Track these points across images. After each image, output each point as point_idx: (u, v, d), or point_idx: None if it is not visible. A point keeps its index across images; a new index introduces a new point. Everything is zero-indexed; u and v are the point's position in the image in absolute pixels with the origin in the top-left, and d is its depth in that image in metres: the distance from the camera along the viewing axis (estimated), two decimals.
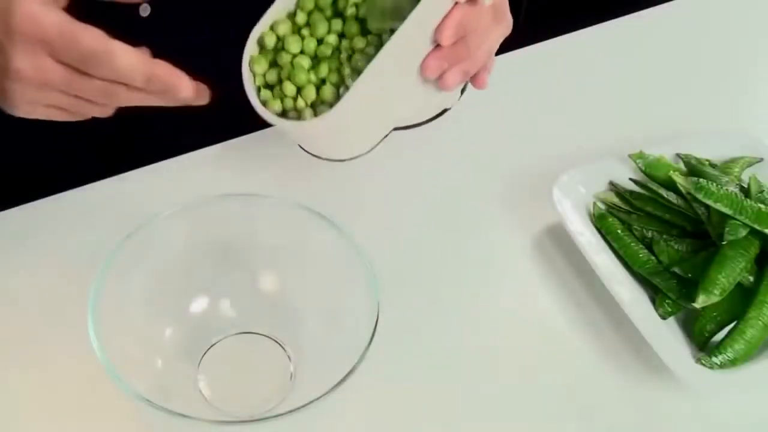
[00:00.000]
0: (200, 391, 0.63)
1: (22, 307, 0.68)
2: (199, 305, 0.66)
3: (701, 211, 0.73)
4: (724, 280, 0.67)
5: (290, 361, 0.65)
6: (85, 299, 0.57)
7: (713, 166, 0.78)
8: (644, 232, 0.74)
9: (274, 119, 0.61)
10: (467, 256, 0.75)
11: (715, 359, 0.66)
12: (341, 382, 0.55)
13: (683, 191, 0.73)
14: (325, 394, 0.54)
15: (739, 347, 0.66)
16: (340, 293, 0.62)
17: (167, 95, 0.55)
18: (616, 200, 0.76)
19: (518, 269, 0.75)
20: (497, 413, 0.65)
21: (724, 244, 0.69)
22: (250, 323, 0.67)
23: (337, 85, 0.60)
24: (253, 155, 0.79)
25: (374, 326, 0.57)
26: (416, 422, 0.64)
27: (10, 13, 0.52)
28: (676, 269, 0.70)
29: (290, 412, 0.57)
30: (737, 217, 0.70)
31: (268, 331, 0.66)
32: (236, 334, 0.66)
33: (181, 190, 0.74)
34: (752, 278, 0.69)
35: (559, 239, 0.76)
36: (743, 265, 0.68)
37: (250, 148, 0.80)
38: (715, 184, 0.72)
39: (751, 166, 0.79)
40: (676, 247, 0.72)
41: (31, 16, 0.52)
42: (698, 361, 0.66)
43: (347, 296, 0.61)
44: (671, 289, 0.69)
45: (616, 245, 0.73)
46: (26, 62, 0.53)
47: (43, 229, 0.72)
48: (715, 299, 0.67)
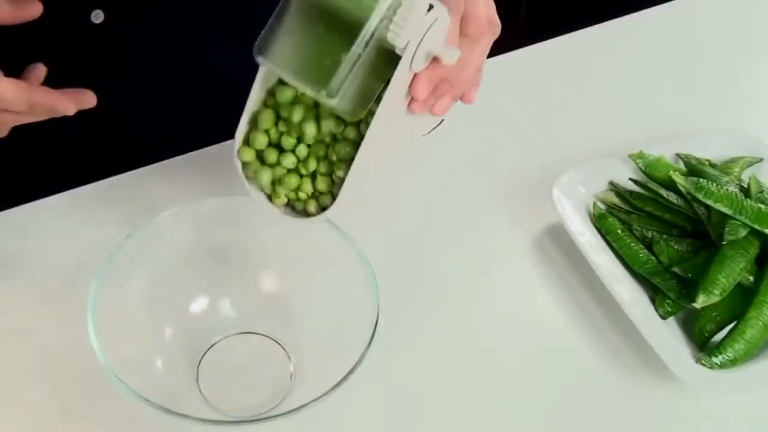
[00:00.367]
0: (200, 391, 0.63)
1: (22, 306, 0.68)
2: (199, 305, 0.66)
3: (701, 211, 0.73)
4: (724, 280, 0.67)
5: (290, 361, 0.65)
6: (85, 299, 0.57)
7: (713, 166, 0.78)
8: (644, 232, 0.74)
9: (281, 215, 0.60)
10: (467, 256, 0.75)
11: (715, 359, 0.66)
12: (341, 382, 0.55)
13: (683, 191, 0.73)
14: (325, 394, 0.54)
15: (739, 347, 0.66)
16: (340, 293, 0.62)
17: (52, 114, 0.58)
18: (616, 200, 0.76)
19: (518, 269, 0.75)
20: (497, 413, 0.65)
21: (724, 244, 0.69)
22: (250, 323, 0.67)
23: (328, 172, 0.58)
24: None
25: (374, 326, 0.57)
26: (416, 422, 0.64)
27: None
28: (676, 269, 0.70)
29: (290, 412, 0.57)
30: (737, 217, 0.70)
31: (268, 331, 0.66)
32: (236, 334, 0.66)
33: (181, 190, 0.74)
34: (752, 278, 0.69)
35: (559, 239, 0.76)
36: (743, 265, 0.68)
37: None
38: (715, 184, 0.72)
39: (751, 166, 0.79)
40: (676, 247, 0.72)
41: None
42: (698, 361, 0.66)
43: (347, 296, 0.61)
44: (671, 289, 0.69)
45: (616, 245, 0.73)
46: None
47: (43, 229, 0.72)
48: (715, 299, 0.67)
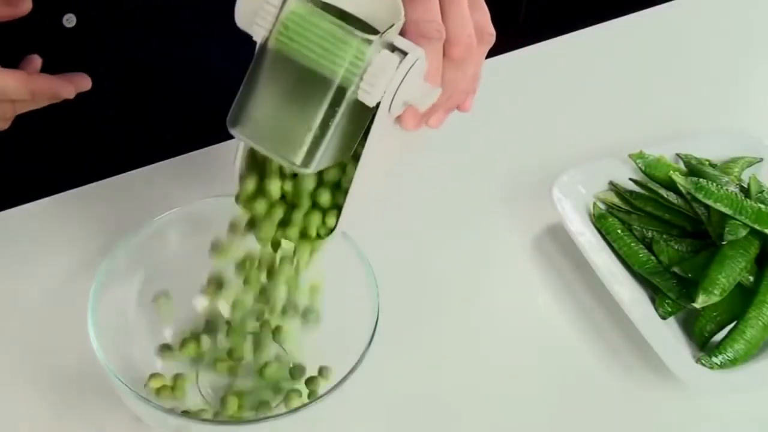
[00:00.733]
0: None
1: (22, 307, 0.68)
2: (199, 305, 0.66)
3: (701, 211, 0.73)
4: (724, 280, 0.67)
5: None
6: (85, 299, 0.57)
7: (713, 166, 0.78)
8: (644, 232, 0.74)
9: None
10: (467, 256, 0.75)
11: (715, 359, 0.66)
12: (341, 382, 0.55)
13: (683, 191, 0.73)
14: (325, 394, 0.54)
15: (739, 347, 0.66)
16: (340, 293, 0.62)
17: (54, 100, 0.61)
18: (616, 200, 0.76)
19: (518, 269, 0.75)
20: (497, 413, 0.65)
21: (724, 244, 0.69)
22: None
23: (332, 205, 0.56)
24: None
25: (374, 326, 0.57)
26: (416, 422, 0.64)
27: None
28: (676, 269, 0.70)
29: (290, 412, 0.57)
30: (737, 217, 0.70)
31: None
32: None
33: (181, 190, 0.74)
34: (752, 278, 0.69)
35: (559, 239, 0.76)
36: (743, 265, 0.68)
37: None
38: (715, 184, 0.72)
39: (751, 166, 0.79)
40: (676, 247, 0.72)
41: None
42: (698, 361, 0.66)
43: (347, 296, 0.61)
44: (671, 289, 0.69)
45: (616, 245, 0.73)
46: None
47: (43, 229, 0.72)
48: (715, 299, 0.67)
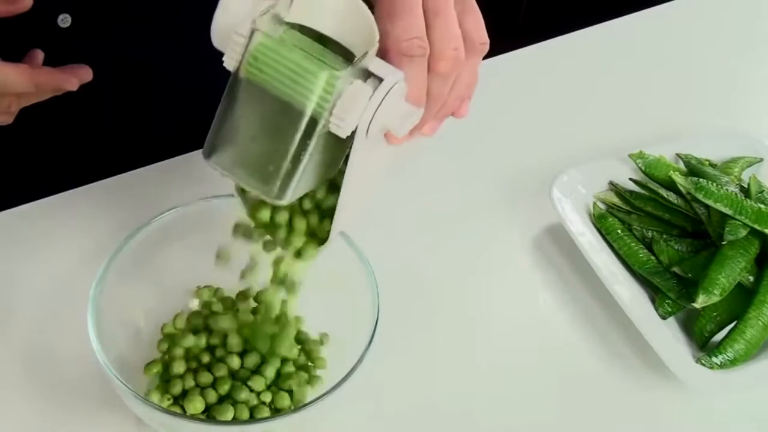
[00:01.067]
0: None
1: (22, 307, 0.67)
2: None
3: (701, 211, 0.73)
4: (724, 280, 0.67)
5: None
6: (85, 299, 0.57)
7: (713, 166, 0.78)
8: (644, 232, 0.74)
9: None
10: (467, 256, 0.75)
11: (715, 359, 0.66)
12: (341, 382, 0.55)
13: (683, 191, 0.73)
14: (325, 394, 0.54)
15: (739, 347, 0.66)
16: (340, 294, 0.62)
17: (57, 92, 0.62)
18: (616, 200, 0.76)
19: (518, 269, 0.75)
20: (497, 413, 0.65)
21: (724, 244, 0.69)
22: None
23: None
24: None
25: (374, 326, 0.57)
26: (416, 422, 0.64)
27: None
28: (676, 269, 0.70)
29: (290, 412, 0.57)
30: (737, 217, 0.70)
31: None
32: None
33: (181, 190, 0.74)
34: (752, 278, 0.69)
35: (559, 239, 0.76)
36: (743, 265, 0.68)
37: None
38: (715, 184, 0.72)
39: (751, 166, 0.79)
40: (676, 247, 0.72)
41: None
42: (698, 361, 0.66)
43: (347, 296, 0.61)
44: (671, 289, 0.69)
45: (616, 245, 0.73)
46: None
47: (43, 229, 0.72)
48: (715, 299, 0.67)
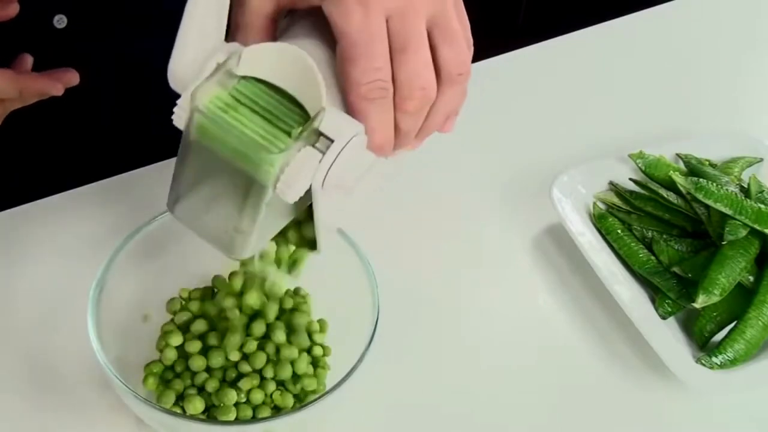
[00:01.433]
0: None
1: (22, 307, 0.68)
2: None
3: (701, 211, 0.73)
4: (724, 280, 0.67)
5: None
6: (85, 299, 0.57)
7: (713, 166, 0.78)
8: (644, 232, 0.74)
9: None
10: (467, 256, 0.75)
11: (715, 359, 0.66)
12: (341, 382, 0.55)
13: (683, 191, 0.73)
14: (325, 394, 0.54)
15: (739, 347, 0.66)
16: (340, 294, 0.62)
17: (42, 97, 0.63)
18: (616, 200, 0.76)
19: (518, 269, 0.75)
20: (497, 413, 0.65)
21: (724, 244, 0.69)
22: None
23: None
24: None
25: (374, 326, 0.57)
26: (416, 422, 0.64)
27: None
28: (676, 269, 0.70)
29: (290, 412, 0.57)
30: (737, 217, 0.70)
31: None
32: None
33: None
34: (752, 278, 0.69)
35: (559, 239, 0.76)
36: (743, 265, 0.68)
37: None
38: (715, 184, 0.72)
39: (751, 166, 0.79)
40: (676, 247, 0.72)
41: None
42: (698, 361, 0.66)
43: (347, 297, 0.61)
44: (671, 289, 0.69)
45: (616, 245, 0.73)
46: None
47: (42, 229, 0.72)
48: (715, 299, 0.67)
